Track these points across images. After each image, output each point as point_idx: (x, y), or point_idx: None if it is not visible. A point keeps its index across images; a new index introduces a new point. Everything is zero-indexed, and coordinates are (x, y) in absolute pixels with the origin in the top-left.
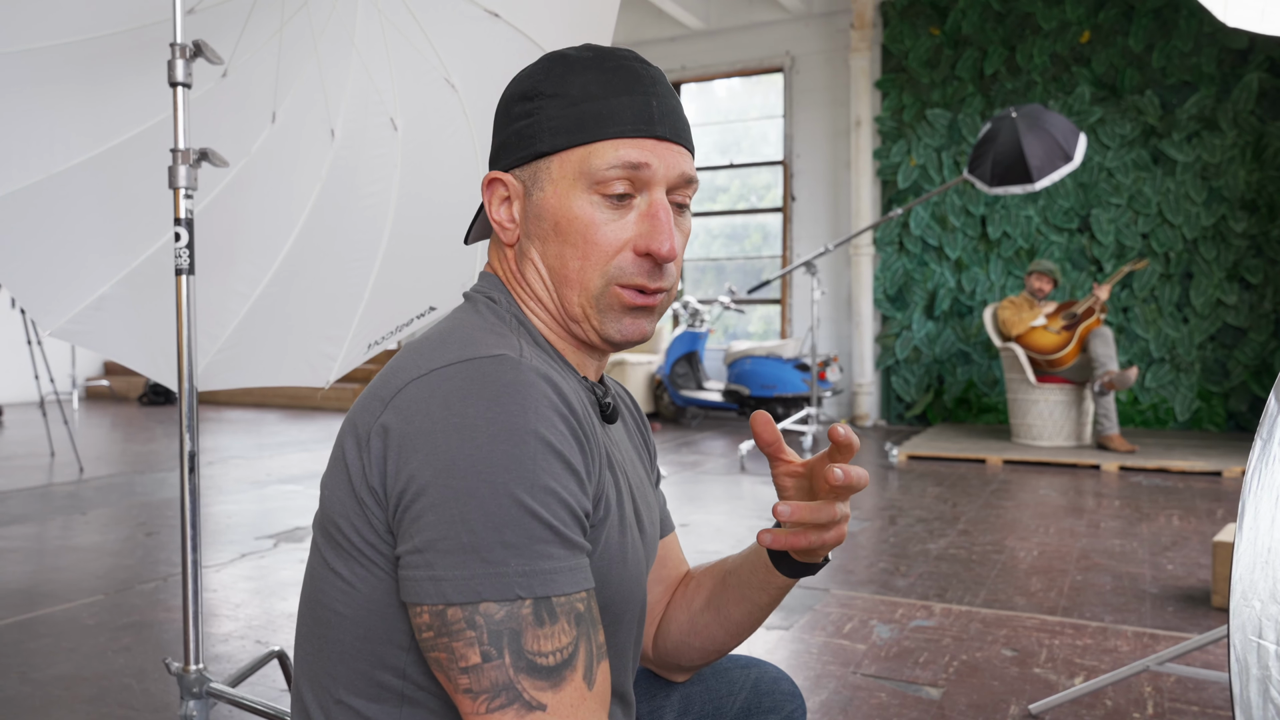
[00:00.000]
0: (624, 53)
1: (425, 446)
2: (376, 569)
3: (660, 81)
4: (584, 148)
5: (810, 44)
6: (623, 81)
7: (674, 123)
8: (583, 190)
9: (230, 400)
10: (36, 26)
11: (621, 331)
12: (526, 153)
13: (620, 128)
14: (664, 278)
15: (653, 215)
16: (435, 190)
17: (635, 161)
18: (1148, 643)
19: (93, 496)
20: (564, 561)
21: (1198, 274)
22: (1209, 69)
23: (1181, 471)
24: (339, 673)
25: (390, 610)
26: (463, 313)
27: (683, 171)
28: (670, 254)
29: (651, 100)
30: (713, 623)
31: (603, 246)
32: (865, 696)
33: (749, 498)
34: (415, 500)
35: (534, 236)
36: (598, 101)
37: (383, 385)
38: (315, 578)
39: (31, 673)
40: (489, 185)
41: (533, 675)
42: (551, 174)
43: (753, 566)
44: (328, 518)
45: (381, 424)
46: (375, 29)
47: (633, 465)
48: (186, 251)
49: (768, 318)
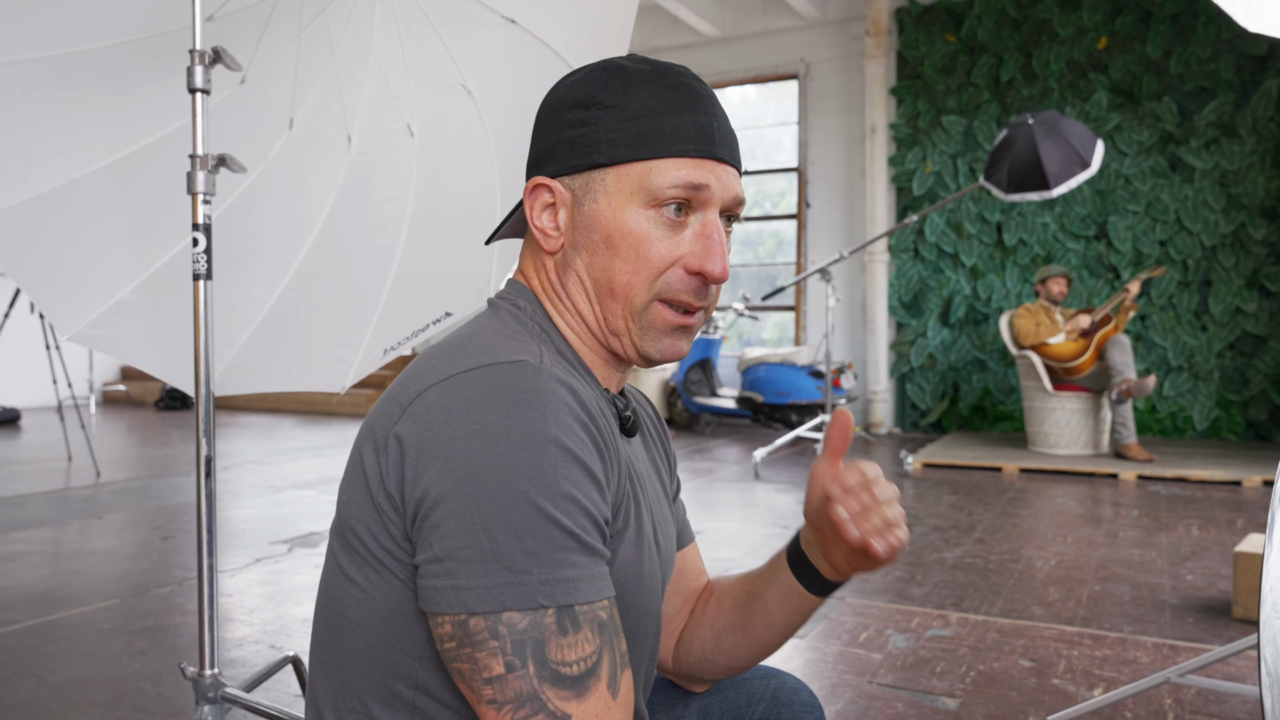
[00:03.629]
0: (681, 69)
1: (444, 453)
2: (392, 576)
3: (717, 102)
4: (645, 163)
5: (825, 51)
6: (684, 100)
7: (731, 145)
8: (640, 205)
9: (246, 405)
10: (57, 33)
11: (661, 351)
12: (580, 162)
13: (684, 146)
14: (708, 297)
15: (707, 235)
16: (451, 196)
17: (697, 182)
18: (1168, 654)
19: (109, 501)
20: (586, 569)
21: (1216, 281)
22: (1228, 75)
23: (1201, 481)
24: (353, 681)
25: (404, 618)
26: (485, 318)
27: (736, 194)
28: (723, 275)
29: (713, 121)
30: (740, 644)
31: (654, 261)
32: (881, 706)
33: (763, 505)
34: (435, 508)
35: (581, 247)
36: (660, 119)
37: (401, 390)
38: (330, 584)
39: (48, 676)
40: (533, 190)
41: (557, 685)
42: (607, 186)
43: (781, 592)
44: (344, 523)
45: (399, 429)
46: (392, 36)
47: (650, 481)
48: (204, 257)
49: (782, 324)
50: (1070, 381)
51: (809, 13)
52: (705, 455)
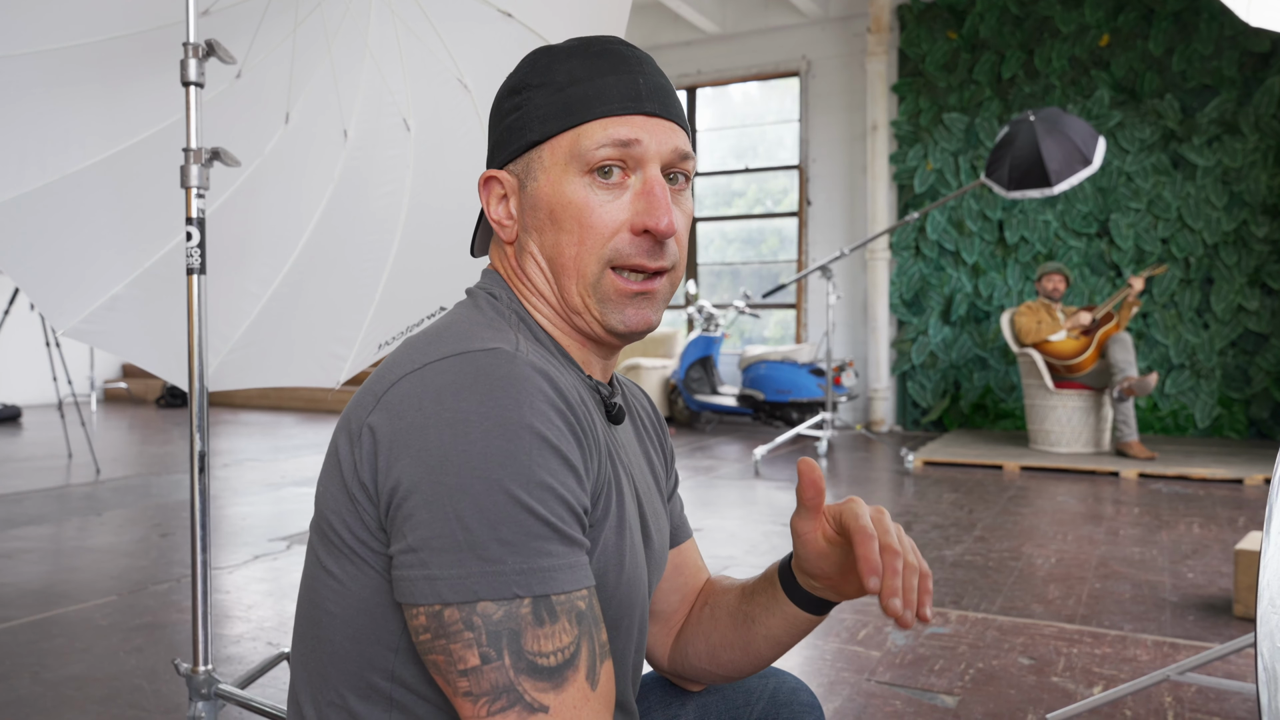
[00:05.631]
0: (609, 38)
1: (417, 442)
2: (367, 567)
3: (647, 61)
4: (573, 131)
5: (826, 48)
6: (608, 63)
7: (663, 98)
8: (575, 174)
9: (246, 403)
10: (53, 28)
11: (625, 321)
12: (518, 145)
13: (608, 106)
14: (664, 256)
15: (648, 192)
16: (448, 191)
17: (625, 138)
18: (1168, 652)
19: (109, 498)
20: (563, 559)
21: (1218, 279)
22: (1230, 72)
23: (1202, 479)
24: (330, 674)
25: (380, 610)
26: (462, 308)
27: (675, 146)
28: (669, 229)
29: (638, 78)
30: (739, 660)
31: (598, 229)
32: (880, 704)
33: (763, 503)
34: (407, 498)
35: (531, 229)
36: (584, 84)
37: (377, 381)
38: (309, 577)
39: (44, 673)
40: (485, 185)
41: (534, 676)
42: (544, 162)
43: (784, 618)
44: (321, 515)
45: (373, 420)
46: (388, 30)
47: (640, 470)
48: (198, 251)
49: (783, 322)
50: (1071, 379)
51: (810, 9)
52: (706, 453)
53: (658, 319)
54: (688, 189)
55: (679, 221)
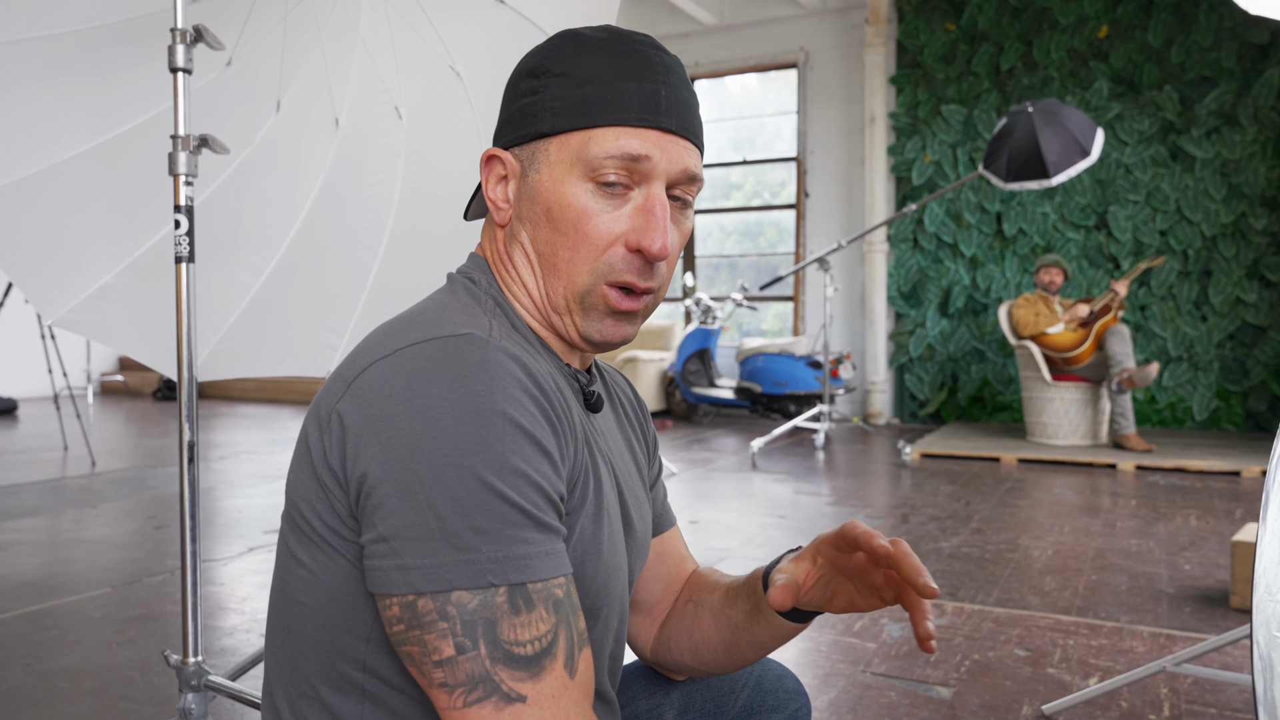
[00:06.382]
0: (640, 37)
1: (386, 429)
2: (337, 555)
3: (674, 71)
4: (584, 132)
5: (825, 39)
6: (633, 67)
7: (682, 115)
8: (578, 177)
9: (243, 395)
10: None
11: (602, 333)
12: (527, 131)
13: (624, 114)
14: (654, 277)
15: (648, 210)
16: (439, 179)
17: (635, 153)
18: (1164, 643)
19: (104, 490)
20: (539, 546)
21: (1217, 271)
22: (1229, 64)
23: (1199, 471)
24: (302, 665)
25: (350, 599)
26: (438, 293)
27: (686, 167)
28: (662, 253)
29: (661, 89)
30: (722, 659)
31: (594, 239)
32: (875, 695)
33: (760, 495)
34: (377, 486)
35: (526, 219)
36: (604, 85)
37: (347, 366)
38: (281, 566)
39: (36, 665)
40: (487, 162)
41: (511, 666)
42: (549, 156)
43: (770, 627)
44: (291, 503)
45: (341, 406)
46: (380, 16)
47: (621, 458)
48: (186, 239)
49: (781, 315)
50: (1069, 371)
51: (808, 1)
52: (703, 445)
53: (634, 334)
54: (690, 207)
55: (674, 243)
